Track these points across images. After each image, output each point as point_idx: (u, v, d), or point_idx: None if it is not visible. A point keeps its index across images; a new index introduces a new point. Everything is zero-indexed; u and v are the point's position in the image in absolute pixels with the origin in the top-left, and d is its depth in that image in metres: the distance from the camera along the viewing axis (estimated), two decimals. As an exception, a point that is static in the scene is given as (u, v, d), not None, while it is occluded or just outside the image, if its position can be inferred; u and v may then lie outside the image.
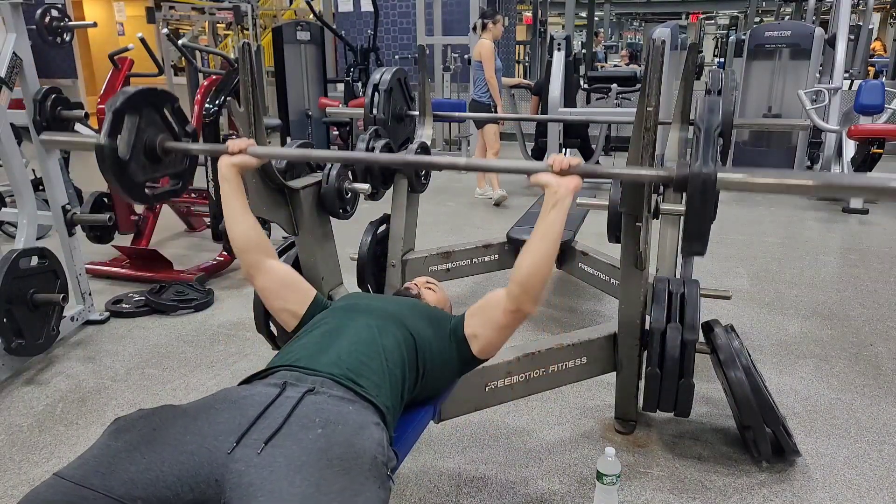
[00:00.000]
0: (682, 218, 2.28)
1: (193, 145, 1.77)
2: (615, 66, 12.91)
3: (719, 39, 21.30)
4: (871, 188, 1.21)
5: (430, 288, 1.94)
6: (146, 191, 1.76)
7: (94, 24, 4.06)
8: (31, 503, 1.08)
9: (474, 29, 5.85)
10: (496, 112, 5.45)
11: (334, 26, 8.56)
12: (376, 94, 2.83)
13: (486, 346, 1.57)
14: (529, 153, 6.54)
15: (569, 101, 5.95)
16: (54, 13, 3.51)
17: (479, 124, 5.57)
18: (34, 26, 3.25)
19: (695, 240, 1.43)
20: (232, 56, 5.25)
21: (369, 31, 7.89)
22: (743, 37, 7.00)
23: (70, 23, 3.59)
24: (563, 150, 6.23)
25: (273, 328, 2.30)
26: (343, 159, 2.22)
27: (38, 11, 3.44)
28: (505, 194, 5.60)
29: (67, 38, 3.61)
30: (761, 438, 2.00)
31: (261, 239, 1.67)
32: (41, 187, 3.26)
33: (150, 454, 1.15)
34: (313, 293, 1.69)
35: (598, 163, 6.37)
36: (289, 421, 1.22)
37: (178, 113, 1.80)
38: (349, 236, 3.00)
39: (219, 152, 1.69)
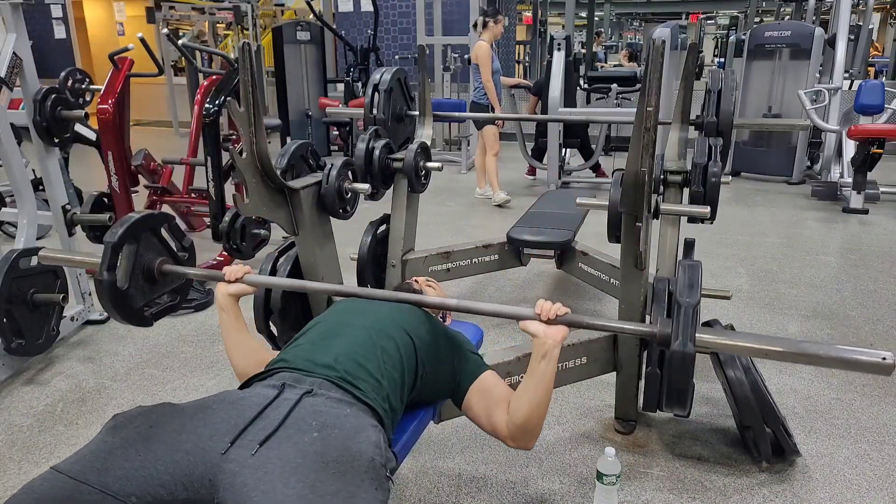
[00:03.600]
0: (681, 218, 2.29)
1: (190, 270, 1.80)
2: (615, 65, 12.89)
3: (719, 39, 21.28)
4: (844, 360, 1.24)
5: (430, 286, 1.95)
6: (144, 313, 1.78)
7: (113, 66, 4.08)
8: (28, 495, 1.09)
9: (475, 27, 5.84)
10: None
11: (334, 26, 8.56)
12: (376, 94, 2.83)
13: (472, 418, 1.59)
14: (529, 153, 6.54)
15: (569, 100, 5.95)
16: (77, 76, 3.68)
17: (479, 125, 5.56)
18: (57, 86, 3.35)
19: (675, 402, 1.47)
20: (232, 56, 5.25)
21: (369, 31, 7.89)
22: (743, 37, 7.00)
23: (92, 86, 3.73)
24: (563, 149, 6.23)
25: (273, 328, 2.30)
26: (333, 292, 2.04)
27: (62, 74, 3.59)
28: (508, 197, 5.58)
29: (89, 99, 3.75)
30: (761, 438, 2.00)
31: (258, 361, 1.60)
32: (41, 187, 3.26)
33: (145, 452, 1.16)
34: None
35: (598, 163, 6.40)
36: (285, 423, 1.22)
37: (174, 230, 1.84)
38: (349, 236, 3.00)
39: (215, 279, 1.68)
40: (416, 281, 1.96)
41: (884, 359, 1.21)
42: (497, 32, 5.49)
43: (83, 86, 3.73)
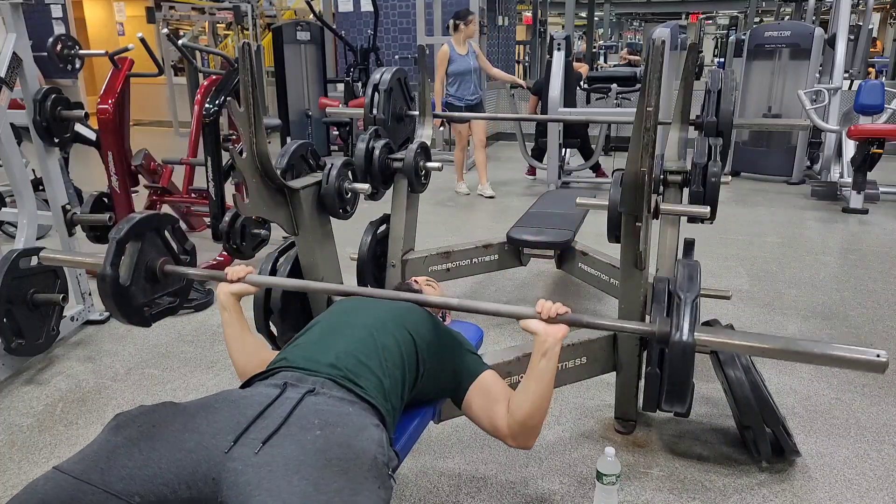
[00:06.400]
0: (681, 218, 2.29)
1: (192, 270, 1.81)
2: (615, 65, 12.90)
3: (719, 39, 21.29)
4: (838, 359, 1.26)
5: (430, 285, 1.95)
6: (144, 312, 1.79)
7: (106, 53, 4.05)
8: (30, 496, 1.09)
9: (447, 28, 6.01)
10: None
11: (334, 26, 8.55)
12: (376, 94, 2.83)
13: (472, 417, 1.59)
14: (529, 153, 6.54)
15: (569, 100, 5.95)
16: (66, 41, 3.60)
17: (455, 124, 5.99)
18: (45, 53, 3.32)
19: (675, 399, 1.47)
20: (232, 56, 5.25)
21: (369, 31, 7.89)
22: (743, 37, 7.00)
23: (81, 51, 3.65)
24: (563, 149, 6.23)
25: (273, 328, 2.30)
26: (334, 292, 2.05)
27: (50, 40, 3.51)
28: (468, 191, 5.98)
29: (78, 66, 3.69)
30: (761, 438, 2.00)
31: (259, 360, 1.62)
32: (41, 187, 3.26)
33: (148, 451, 1.16)
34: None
35: (598, 163, 6.40)
36: (288, 421, 1.22)
37: (177, 233, 1.85)
38: (349, 236, 3.00)
39: (217, 279, 1.69)
40: (415, 281, 1.96)
41: (878, 356, 1.23)
42: (469, 33, 5.74)
43: (72, 51, 3.67)
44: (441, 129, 7.19)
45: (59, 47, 3.60)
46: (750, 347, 1.38)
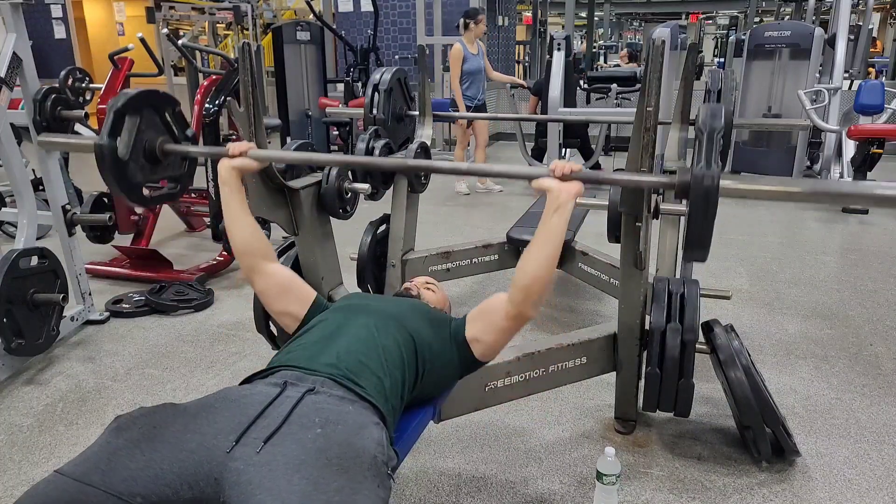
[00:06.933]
0: (681, 218, 2.28)
1: (193, 148, 1.78)
2: (615, 65, 12.89)
3: (719, 39, 21.30)
4: (863, 195, 1.19)
5: (429, 288, 1.94)
6: (144, 192, 1.76)
7: (113, 66, 4.10)
8: (32, 500, 1.09)
9: (457, 27, 5.98)
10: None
11: (334, 26, 8.55)
12: (376, 94, 2.83)
13: (487, 349, 1.58)
14: (529, 153, 6.54)
15: (569, 100, 5.96)
16: (77, 75, 3.72)
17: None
18: (57, 85, 3.39)
19: (696, 247, 1.42)
20: (232, 56, 5.25)
21: (369, 31, 7.89)
22: (743, 37, 7.00)
23: (92, 84, 3.75)
24: (563, 149, 6.23)
25: (273, 328, 2.30)
26: (343, 162, 2.22)
27: (62, 73, 3.64)
28: (468, 191, 5.92)
29: (89, 98, 3.77)
30: (761, 438, 2.00)
31: (261, 242, 1.67)
32: (41, 187, 3.27)
33: (150, 452, 1.16)
34: (313, 295, 1.70)
35: (598, 163, 6.39)
36: (288, 420, 1.22)
37: (178, 117, 1.80)
38: (349, 236, 3.00)
39: (219, 155, 1.69)
40: (414, 285, 1.95)
41: None
42: (478, 32, 5.72)
43: (83, 84, 3.76)
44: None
45: (70, 81, 3.69)
46: (776, 192, 1.32)
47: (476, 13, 5.74)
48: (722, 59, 14.45)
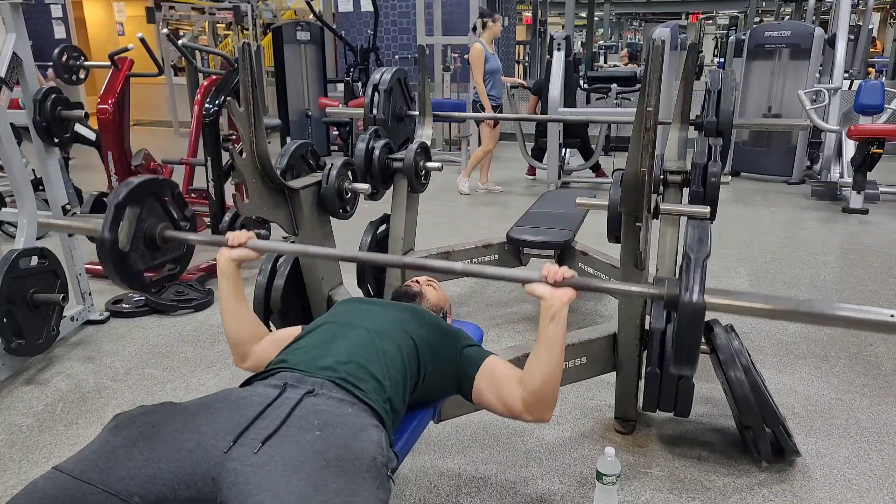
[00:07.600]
0: (681, 218, 2.28)
1: (192, 236, 1.79)
2: (615, 66, 12.90)
3: (719, 39, 21.30)
4: (850, 320, 1.21)
5: (430, 285, 1.94)
6: (145, 278, 1.77)
7: (111, 67, 4.04)
8: (30, 496, 1.09)
9: (474, 29, 5.92)
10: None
11: (334, 26, 8.56)
12: (376, 94, 2.83)
13: (485, 405, 1.57)
14: (529, 153, 6.54)
15: (569, 100, 5.96)
16: (71, 52, 3.64)
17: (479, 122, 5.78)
18: (51, 63, 3.33)
19: (684, 362, 1.43)
20: (232, 56, 5.25)
21: (369, 31, 7.89)
22: (743, 37, 7.00)
23: (86, 62, 3.68)
24: (563, 149, 6.23)
25: (273, 328, 2.30)
26: (339, 258, 2.10)
27: (56, 51, 3.55)
28: (469, 192, 5.94)
29: (83, 77, 3.71)
30: (761, 438, 2.00)
31: (252, 333, 1.63)
32: (41, 187, 3.27)
33: (148, 451, 1.16)
34: (299, 328, 1.67)
35: (598, 163, 6.40)
36: (287, 422, 1.22)
37: (177, 198, 1.82)
38: (349, 236, 3.00)
39: (218, 244, 1.67)
40: (416, 282, 1.96)
41: (892, 316, 1.16)
42: (495, 32, 5.65)
43: (78, 63, 3.70)
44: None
45: (64, 58, 3.63)
46: (760, 309, 1.33)
47: (492, 12, 5.71)
48: (722, 59, 14.45)
